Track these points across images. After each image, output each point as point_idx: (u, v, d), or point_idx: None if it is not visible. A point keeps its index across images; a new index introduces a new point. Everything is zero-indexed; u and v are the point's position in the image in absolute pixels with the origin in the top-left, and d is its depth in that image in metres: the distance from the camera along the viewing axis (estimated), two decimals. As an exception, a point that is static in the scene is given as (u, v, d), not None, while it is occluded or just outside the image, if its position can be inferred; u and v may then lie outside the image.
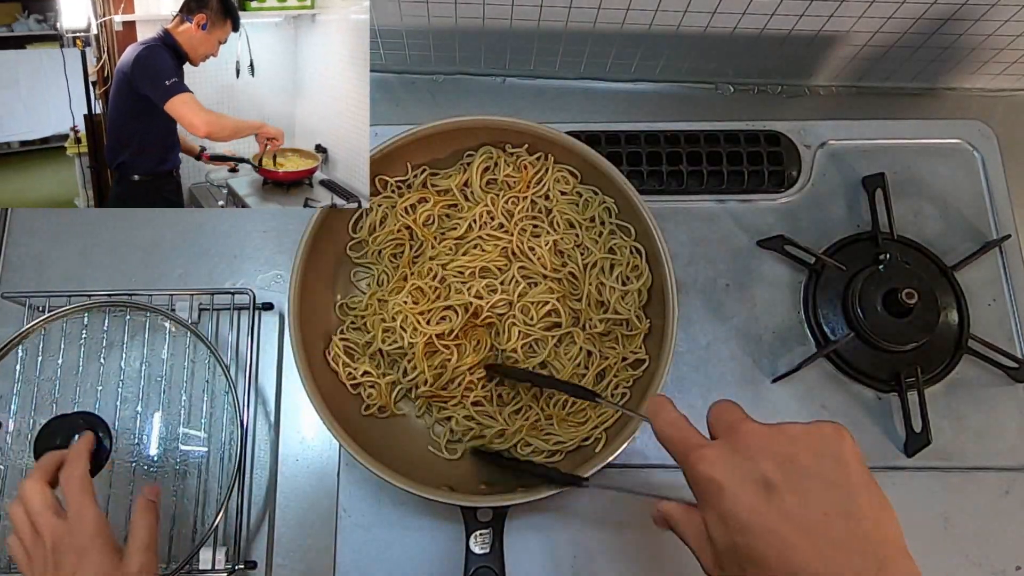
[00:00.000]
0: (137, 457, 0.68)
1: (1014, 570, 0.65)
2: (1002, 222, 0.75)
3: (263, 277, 0.76)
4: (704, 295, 0.73)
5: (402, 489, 0.58)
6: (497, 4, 0.74)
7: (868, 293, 0.69)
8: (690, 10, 0.74)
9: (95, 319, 0.72)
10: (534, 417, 0.65)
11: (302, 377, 0.60)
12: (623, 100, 0.87)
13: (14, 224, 0.77)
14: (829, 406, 0.70)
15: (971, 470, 0.68)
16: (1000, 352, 0.70)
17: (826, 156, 0.78)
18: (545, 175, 0.69)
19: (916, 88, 0.88)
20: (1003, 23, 0.75)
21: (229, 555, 0.65)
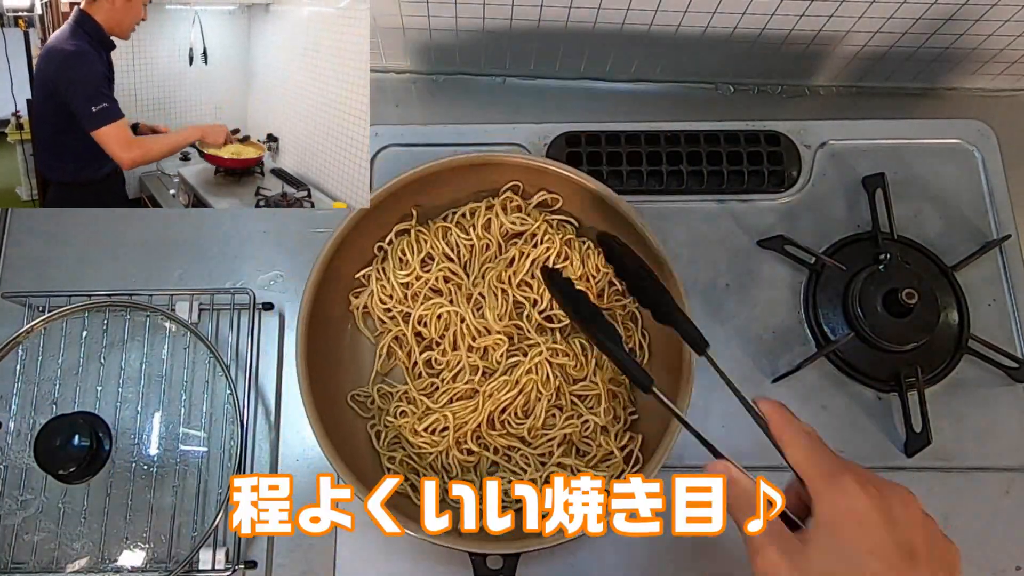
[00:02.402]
0: (137, 457, 0.68)
1: (1014, 570, 0.65)
2: (1002, 222, 0.75)
3: (263, 277, 0.76)
4: (704, 295, 0.73)
5: (413, 536, 0.56)
6: (497, 4, 0.74)
7: (868, 293, 0.69)
8: (690, 10, 0.73)
9: (95, 319, 0.72)
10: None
11: (309, 417, 0.60)
12: (623, 100, 0.87)
13: (14, 224, 0.77)
14: (829, 406, 0.70)
15: (971, 470, 0.68)
16: (1000, 352, 0.70)
17: (826, 156, 0.78)
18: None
19: (916, 88, 0.88)
20: (1003, 23, 0.75)
21: (229, 555, 0.65)
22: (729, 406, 0.71)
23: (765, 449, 0.68)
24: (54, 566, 0.64)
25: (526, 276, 0.67)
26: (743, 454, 0.68)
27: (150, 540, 0.65)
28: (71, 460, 0.61)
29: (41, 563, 0.65)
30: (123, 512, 0.66)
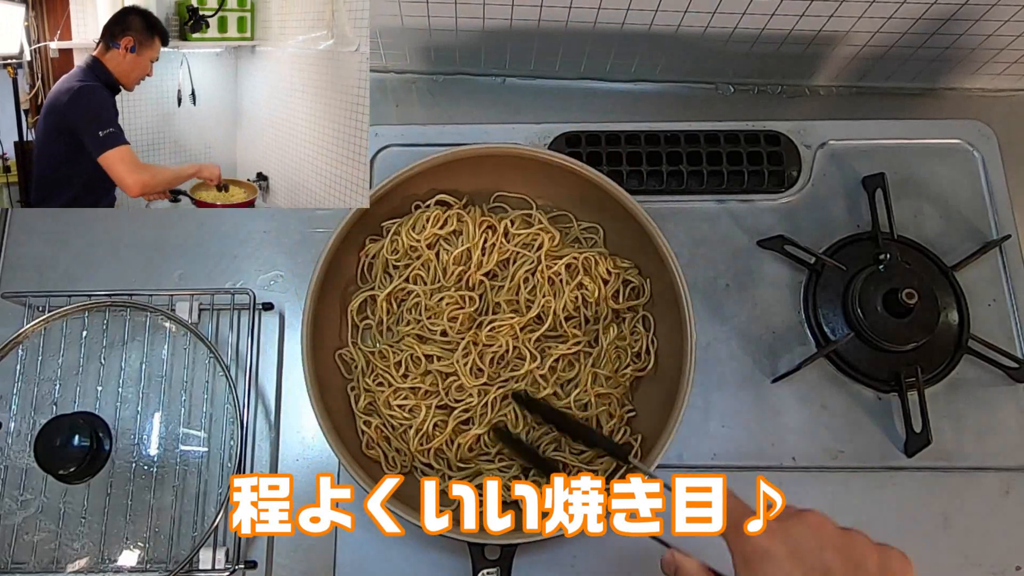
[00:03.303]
0: (137, 457, 0.68)
1: (1014, 570, 0.65)
2: (1002, 222, 0.75)
3: (263, 277, 0.76)
4: (704, 295, 0.73)
5: (411, 523, 0.56)
6: (497, 4, 0.74)
7: (868, 293, 0.69)
8: (690, 10, 0.73)
9: (95, 319, 0.72)
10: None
11: (313, 404, 0.60)
12: (623, 100, 0.87)
13: (14, 224, 0.77)
14: (829, 406, 0.70)
15: (971, 470, 0.68)
16: (1000, 352, 0.70)
17: (826, 156, 0.78)
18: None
19: (916, 88, 0.88)
20: (1003, 23, 0.75)
21: (229, 555, 0.65)
22: (729, 406, 0.71)
23: (765, 449, 0.69)
24: (54, 566, 0.64)
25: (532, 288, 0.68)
26: (743, 454, 0.69)
27: (150, 540, 0.65)
28: (71, 460, 0.61)
29: (41, 563, 0.65)
30: (123, 512, 0.66)
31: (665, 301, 0.66)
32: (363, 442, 0.66)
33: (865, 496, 0.67)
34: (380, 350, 0.67)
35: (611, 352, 0.66)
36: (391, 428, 0.66)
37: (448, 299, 0.67)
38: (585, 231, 0.72)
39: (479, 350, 0.66)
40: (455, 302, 0.67)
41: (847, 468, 0.68)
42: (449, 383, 0.66)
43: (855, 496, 0.67)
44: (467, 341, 0.66)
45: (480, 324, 0.67)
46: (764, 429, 0.69)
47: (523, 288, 0.68)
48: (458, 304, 0.67)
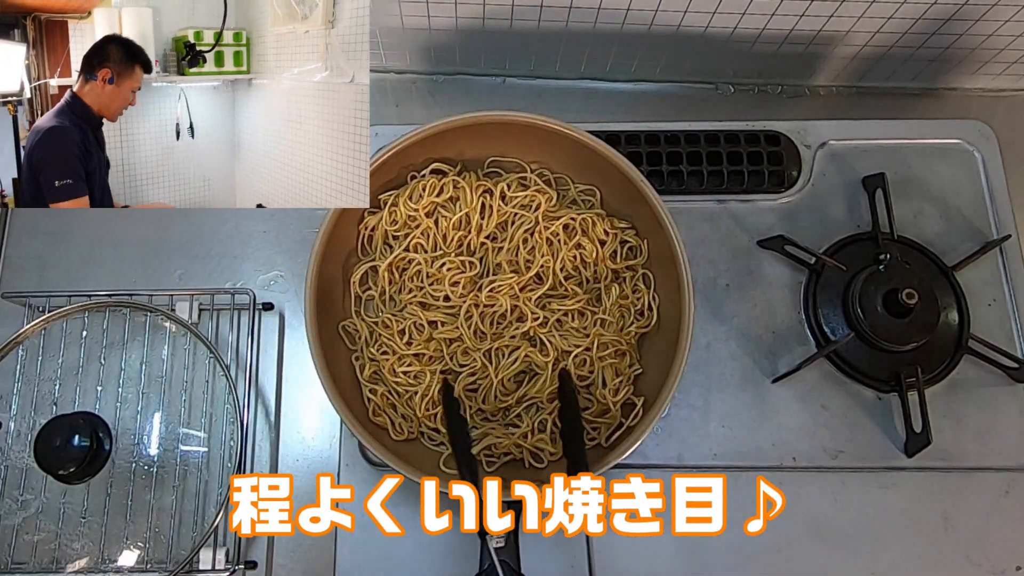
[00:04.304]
0: (137, 457, 0.68)
1: (1014, 570, 0.65)
2: (1002, 222, 0.75)
3: (263, 277, 0.76)
4: (704, 295, 0.73)
5: (412, 480, 0.56)
6: (497, 4, 0.74)
7: (868, 293, 0.69)
8: (690, 10, 0.74)
9: (95, 319, 0.72)
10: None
11: (318, 370, 0.60)
12: (623, 100, 0.87)
13: (14, 224, 0.77)
14: (829, 406, 0.70)
15: (971, 470, 0.68)
16: (1000, 352, 0.70)
17: (826, 156, 0.78)
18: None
19: (916, 88, 0.88)
20: (1003, 23, 0.75)
21: (229, 555, 0.65)
22: (729, 406, 0.71)
23: (765, 449, 0.69)
24: (54, 566, 0.65)
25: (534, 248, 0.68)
26: (743, 454, 0.69)
27: (150, 540, 0.65)
28: (71, 460, 0.61)
29: (41, 563, 0.65)
30: (123, 512, 0.66)
31: (662, 261, 0.66)
32: (369, 410, 0.66)
33: (865, 496, 0.67)
34: (383, 319, 0.68)
35: (615, 311, 0.67)
36: (396, 395, 0.66)
37: (449, 264, 0.67)
38: (582, 193, 0.72)
39: (480, 311, 0.67)
40: (456, 267, 0.68)
41: (847, 468, 0.68)
42: (454, 348, 0.67)
43: (855, 496, 0.67)
44: (468, 304, 0.66)
45: (481, 287, 0.67)
46: (764, 429, 0.69)
47: (522, 248, 0.68)
48: (459, 269, 0.68)
